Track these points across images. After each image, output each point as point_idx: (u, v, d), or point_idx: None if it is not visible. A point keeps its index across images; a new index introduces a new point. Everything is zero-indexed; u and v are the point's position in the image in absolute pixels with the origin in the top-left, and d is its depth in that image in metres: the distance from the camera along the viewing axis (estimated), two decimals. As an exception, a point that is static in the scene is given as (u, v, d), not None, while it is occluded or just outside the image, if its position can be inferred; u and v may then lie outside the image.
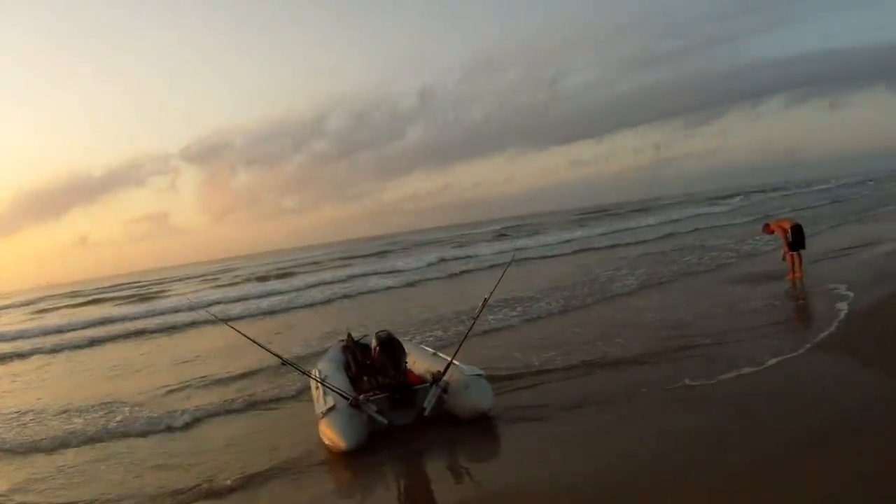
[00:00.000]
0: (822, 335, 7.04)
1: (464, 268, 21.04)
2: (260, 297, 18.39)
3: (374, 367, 6.00)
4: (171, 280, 42.22)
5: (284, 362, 6.07)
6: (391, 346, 5.78)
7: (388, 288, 18.07)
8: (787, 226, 11.03)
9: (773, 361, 6.26)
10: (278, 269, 34.15)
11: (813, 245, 13.24)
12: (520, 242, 28.53)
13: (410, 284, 18.30)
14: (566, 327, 9.31)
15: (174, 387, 8.56)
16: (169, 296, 26.68)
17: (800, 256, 10.93)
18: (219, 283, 32.57)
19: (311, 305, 15.91)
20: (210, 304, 17.73)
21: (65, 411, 7.89)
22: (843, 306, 8.29)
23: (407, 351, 6.12)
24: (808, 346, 6.70)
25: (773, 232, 11.43)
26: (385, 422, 5.47)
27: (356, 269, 24.36)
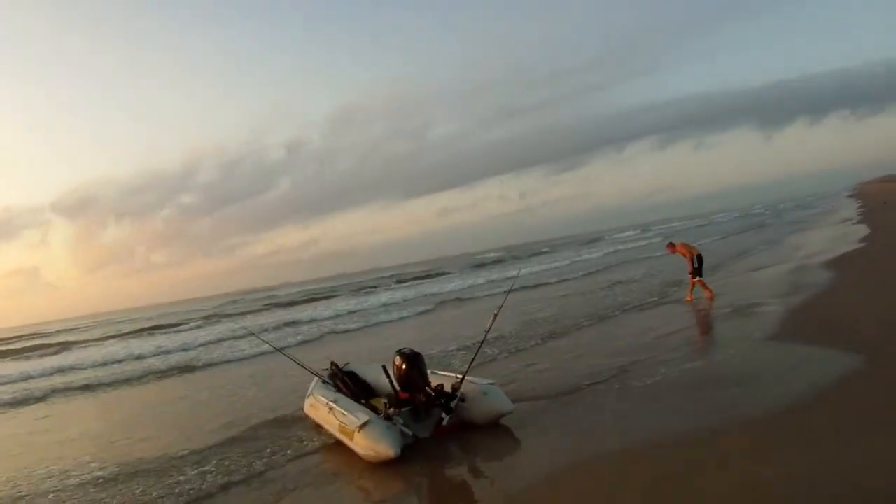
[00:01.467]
0: (768, 331, 8.52)
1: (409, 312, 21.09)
2: (163, 353, 17.58)
3: (400, 381, 6.40)
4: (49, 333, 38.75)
5: (324, 381, 7.00)
6: (418, 360, 6.28)
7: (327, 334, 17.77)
8: (695, 252, 12.72)
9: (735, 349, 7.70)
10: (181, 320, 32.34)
11: (725, 270, 15.26)
12: (435, 287, 29.30)
13: (358, 329, 18.31)
14: (517, 368, 9.23)
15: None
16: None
17: (701, 281, 12.62)
18: (117, 332, 30.10)
19: (241, 360, 15.29)
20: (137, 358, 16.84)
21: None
22: (773, 309, 9.94)
23: None
24: (756, 338, 8.15)
25: (675, 251, 13.06)
26: (411, 434, 5.96)
27: (275, 318, 23.88)
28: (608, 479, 4.56)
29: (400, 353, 6.40)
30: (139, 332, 28.08)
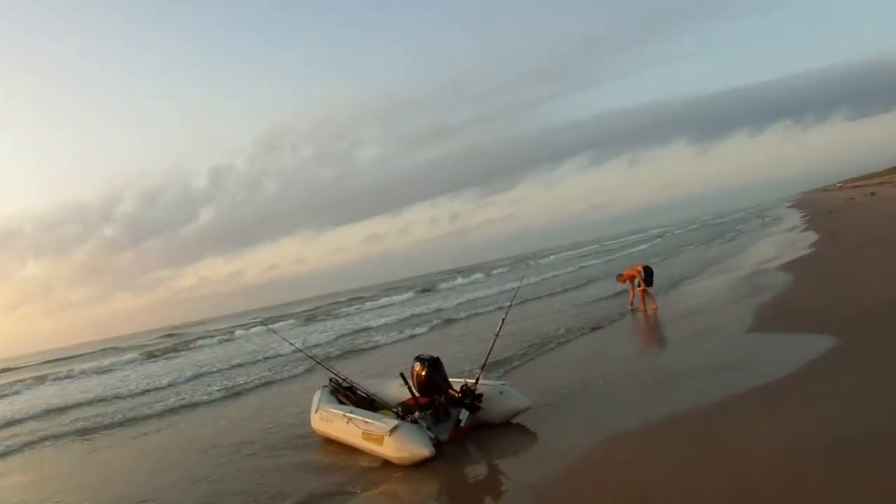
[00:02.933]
0: (744, 325, 9.57)
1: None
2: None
3: (420, 386, 6.97)
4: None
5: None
6: (437, 365, 6.89)
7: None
8: (640, 267, 13.97)
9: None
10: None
11: (689, 279, 16.41)
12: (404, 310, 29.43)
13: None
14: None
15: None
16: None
17: (649, 293, 13.76)
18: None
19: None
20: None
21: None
22: (743, 308, 11.05)
23: None
24: (734, 332, 9.21)
25: (626, 280, 14.23)
26: (434, 436, 6.49)
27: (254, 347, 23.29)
28: (639, 453, 5.26)
29: (419, 359, 6.97)
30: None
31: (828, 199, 63.65)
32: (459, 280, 51.25)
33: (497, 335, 7.57)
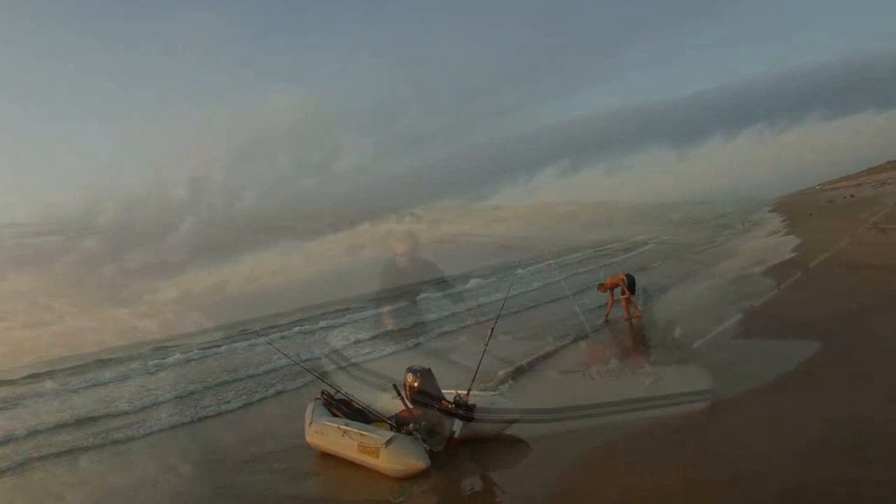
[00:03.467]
0: (732, 331, 9.78)
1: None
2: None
3: (413, 398, 7.07)
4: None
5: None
6: (429, 376, 6.99)
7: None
8: (622, 276, 14.16)
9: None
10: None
11: (674, 287, 16.67)
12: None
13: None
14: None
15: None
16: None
17: (632, 301, 13.91)
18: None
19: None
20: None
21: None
22: (730, 314, 11.17)
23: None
24: (725, 338, 9.40)
25: (608, 290, 14.42)
26: (428, 448, 6.58)
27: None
28: (632, 460, 5.43)
29: (411, 370, 7.07)
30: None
31: (808, 201, 64.40)
32: (442, 291, 50.92)
33: (486, 346, 7.67)
